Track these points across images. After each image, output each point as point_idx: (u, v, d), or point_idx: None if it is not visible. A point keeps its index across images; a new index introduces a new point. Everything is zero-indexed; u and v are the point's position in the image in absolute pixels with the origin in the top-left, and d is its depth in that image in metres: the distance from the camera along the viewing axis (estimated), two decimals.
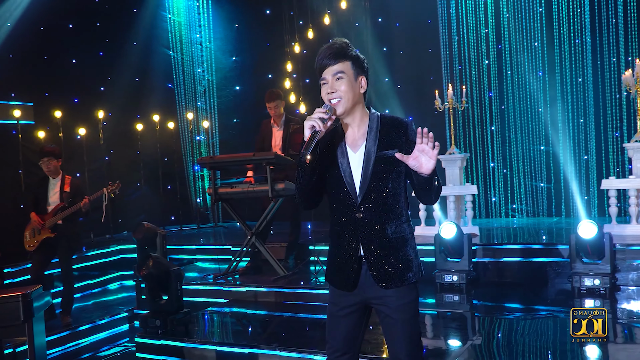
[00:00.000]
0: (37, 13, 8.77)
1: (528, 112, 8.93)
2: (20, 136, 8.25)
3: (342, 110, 2.61)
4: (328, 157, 2.68)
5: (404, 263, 2.61)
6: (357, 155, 2.64)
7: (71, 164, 8.99)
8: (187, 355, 4.95)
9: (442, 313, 5.61)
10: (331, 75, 2.61)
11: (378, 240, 2.60)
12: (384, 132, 2.64)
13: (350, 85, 2.61)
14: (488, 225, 8.44)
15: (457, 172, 7.44)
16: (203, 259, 8.09)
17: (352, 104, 2.62)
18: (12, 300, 3.89)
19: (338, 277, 2.71)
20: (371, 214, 2.60)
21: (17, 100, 8.63)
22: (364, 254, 2.62)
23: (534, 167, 8.94)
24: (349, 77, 2.61)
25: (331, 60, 2.61)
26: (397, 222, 2.63)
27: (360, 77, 2.65)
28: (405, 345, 2.63)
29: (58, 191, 6.17)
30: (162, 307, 5.23)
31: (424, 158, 2.41)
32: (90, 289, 7.88)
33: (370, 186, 2.60)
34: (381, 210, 2.60)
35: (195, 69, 11.46)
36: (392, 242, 2.61)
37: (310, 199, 2.74)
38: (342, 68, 2.60)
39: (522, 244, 6.44)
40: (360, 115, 2.68)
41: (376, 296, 2.63)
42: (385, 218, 2.61)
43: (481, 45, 9.19)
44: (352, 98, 2.61)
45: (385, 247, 2.60)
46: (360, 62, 2.66)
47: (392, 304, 2.61)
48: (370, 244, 2.60)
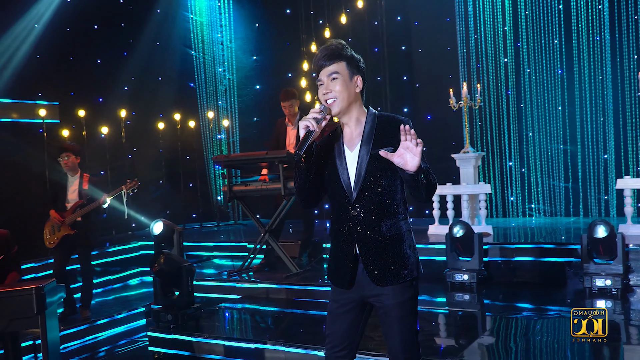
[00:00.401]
0: (63, 15, 9.03)
1: (546, 110, 8.85)
2: (46, 135, 8.48)
3: (337, 110, 2.67)
4: (326, 156, 2.74)
5: (399, 261, 2.64)
6: (353, 154, 2.69)
7: (94, 162, 9.24)
8: (197, 349, 5.07)
9: (452, 312, 5.62)
10: (326, 76, 2.67)
11: (373, 238, 2.63)
12: (379, 131, 2.67)
13: (345, 85, 2.66)
14: (505, 225, 8.39)
15: (471, 171, 7.42)
16: (220, 255, 8.23)
17: (347, 104, 2.68)
18: (26, 293, 4.02)
19: (336, 275, 2.76)
20: (366, 212, 2.64)
21: (44, 100, 8.88)
22: (359, 251, 2.66)
23: (552, 166, 8.86)
24: (344, 77, 2.66)
25: (326, 61, 2.68)
26: (393, 220, 2.66)
27: (355, 76, 2.70)
28: (401, 342, 2.66)
29: (77, 189, 6.28)
30: (174, 303, 5.35)
31: (409, 155, 2.41)
32: (111, 284, 8.03)
33: (365, 184, 2.63)
34: (376, 208, 2.63)
35: (216, 68, 11.63)
36: (387, 239, 2.64)
37: (309, 197, 2.80)
38: (336, 69, 2.66)
39: (535, 243, 6.40)
40: (356, 114, 2.73)
41: (373, 294, 2.67)
42: (380, 216, 2.63)
43: (499, 44, 9.13)
44: (347, 98, 2.67)
45: (380, 245, 2.63)
46: (355, 62, 2.72)
47: (388, 301, 2.64)
48: (365, 242, 2.64)
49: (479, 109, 8.85)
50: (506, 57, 9.10)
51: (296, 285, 6.26)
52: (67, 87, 9.27)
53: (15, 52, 8.57)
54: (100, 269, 8.02)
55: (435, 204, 7.43)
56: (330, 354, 2.77)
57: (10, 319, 4.08)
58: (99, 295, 7.51)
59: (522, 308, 5.61)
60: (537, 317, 5.31)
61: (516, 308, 5.62)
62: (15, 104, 8.66)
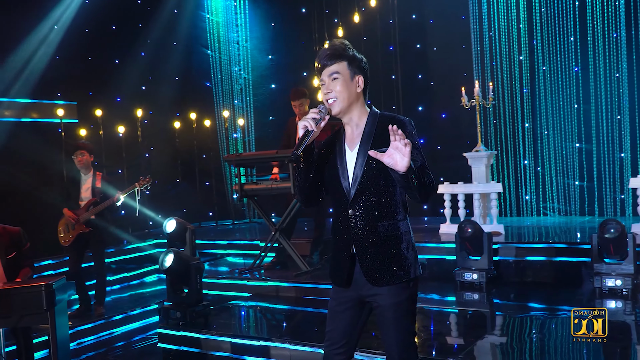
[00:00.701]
0: (82, 16, 9.18)
1: (561, 108, 8.76)
2: (64, 134, 8.64)
3: (337, 110, 2.70)
4: (328, 156, 2.77)
5: (396, 261, 2.65)
6: (352, 154, 2.71)
7: (111, 160, 9.39)
8: (205, 346, 5.14)
9: (462, 311, 5.61)
10: (327, 76, 2.70)
11: (369, 237, 2.65)
12: (380, 131, 2.67)
13: (346, 85, 2.68)
14: (519, 224, 8.33)
15: (483, 169, 7.38)
16: (234, 253, 8.31)
17: (347, 104, 2.70)
18: (36, 290, 4.14)
19: (335, 273, 2.80)
20: (363, 212, 2.66)
21: (62, 100, 9.04)
22: (356, 251, 2.68)
23: (567, 164, 8.75)
24: (345, 78, 2.68)
25: (327, 61, 2.70)
26: (392, 220, 2.67)
27: (357, 76, 2.71)
28: (397, 343, 2.68)
29: (90, 187, 6.40)
30: (183, 300, 5.44)
31: (398, 156, 2.38)
32: (127, 282, 8.15)
33: (363, 184, 2.65)
34: (373, 208, 2.65)
35: (232, 68, 11.72)
36: (383, 240, 2.65)
37: (309, 196, 2.84)
38: (337, 69, 2.69)
39: (545, 243, 6.35)
40: (358, 114, 2.74)
41: (370, 293, 2.69)
42: (377, 216, 2.65)
43: (513, 41, 9.06)
44: (348, 98, 2.69)
45: (376, 245, 2.65)
46: (357, 62, 2.73)
47: (384, 301, 2.66)
48: (361, 241, 2.66)
49: (494, 107, 8.80)
50: (521, 54, 9.02)
51: (306, 284, 6.30)
52: (85, 87, 9.41)
53: (36, 53, 8.74)
54: (115, 266, 8.17)
55: (447, 202, 7.42)
56: (328, 351, 2.80)
57: (20, 314, 4.20)
58: (115, 292, 7.66)
59: (532, 308, 5.58)
60: (546, 317, 5.27)
61: (526, 308, 5.59)
62: (35, 104, 8.83)
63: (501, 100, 9.04)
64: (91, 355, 6.06)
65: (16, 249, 4.82)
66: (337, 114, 2.71)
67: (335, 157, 2.75)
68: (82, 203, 6.39)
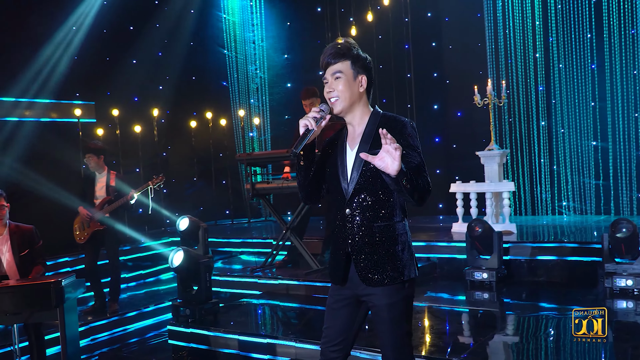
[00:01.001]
0: (100, 17, 9.31)
1: (576, 106, 8.66)
2: (81, 133, 8.78)
3: (339, 109, 2.70)
4: (330, 154, 2.79)
5: (390, 262, 2.64)
6: (353, 153, 2.71)
7: (128, 159, 9.52)
8: (213, 343, 5.20)
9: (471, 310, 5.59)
10: (331, 75, 2.70)
11: (365, 237, 2.65)
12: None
13: (348, 85, 2.68)
14: (533, 223, 8.26)
15: (495, 168, 7.34)
16: (247, 252, 8.37)
17: (349, 103, 2.70)
18: (45, 287, 4.24)
19: (332, 271, 2.81)
20: (360, 211, 2.66)
21: (81, 100, 9.19)
22: (351, 250, 2.68)
23: (583, 162, 8.66)
24: (347, 77, 2.68)
25: (332, 59, 2.70)
26: (388, 221, 2.66)
27: (360, 76, 2.71)
28: (392, 343, 2.68)
29: (104, 185, 6.51)
30: (192, 297, 5.50)
31: (389, 159, 2.37)
32: (143, 279, 8.27)
33: (360, 184, 2.65)
34: (370, 208, 2.65)
35: (248, 67, 11.81)
36: (378, 240, 2.65)
37: (310, 194, 2.86)
38: (340, 67, 2.68)
39: (556, 242, 6.31)
40: (360, 113, 2.75)
41: (365, 293, 2.69)
42: (373, 216, 2.65)
43: (528, 39, 8.97)
44: (350, 97, 2.69)
45: (371, 245, 2.64)
46: (361, 61, 2.72)
47: (379, 301, 2.66)
48: (356, 241, 2.66)
49: (509, 105, 8.74)
50: (537, 52, 8.93)
51: (316, 282, 6.32)
52: (103, 87, 9.54)
53: (56, 55, 8.88)
54: (132, 264, 8.29)
55: (459, 201, 7.39)
56: (325, 348, 2.81)
57: (31, 310, 4.30)
58: (131, 289, 7.77)
59: (543, 307, 5.53)
60: (556, 317, 5.23)
61: (536, 307, 5.54)
62: (55, 104, 8.98)
63: (517, 98, 8.97)
64: (105, 351, 6.18)
65: (29, 246, 4.94)
66: (338, 113, 2.71)
67: (336, 156, 2.76)
68: (97, 201, 6.50)
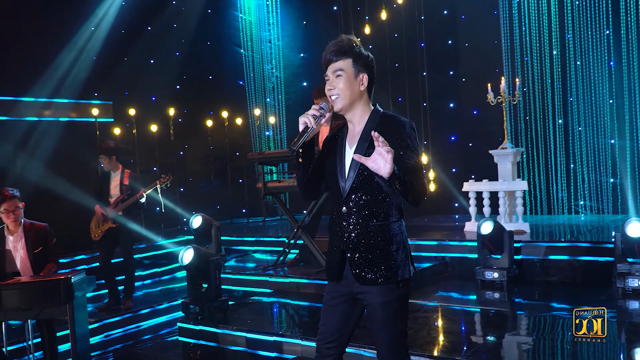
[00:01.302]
0: (118, 18, 9.44)
1: (593, 104, 8.54)
2: (98, 132, 8.91)
3: (339, 107, 2.70)
4: (330, 151, 2.80)
5: (384, 262, 2.64)
6: (351, 151, 2.70)
7: (145, 158, 9.63)
8: (222, 340, 5.25)
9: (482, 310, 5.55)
10: (332, 72, 2.70)
11: (360, 236, 2.65)
12: (379, 130, 2.61)
13: (349, 83, 2.68)
14: (549, 222, 8.17)
15: (509, 167, 7.28)
16: (261, 250, 8.42)
17: (350, 102, 2.70)
18: (54, 283, 4.33)
19: (328, 267, 2.82)
20: (356, 210, 2.65)
21: (99, 100, 9.31)
22: (345, 248, 2.68)
23: (600, 161, 8.54)
24: (348, 75, 2.67)
25: (333, 56, 2.69)
26: (384, 221, 2.65)
27: (361, 74, 2.70)
28: (386, 342, 2.69)
29: (118, 184, 6.61)
30: (202, 295, 5.56)
31: (382, 161, 2.36)
32: (159, 277, 8.35)
33: (357, 182, 2.65)
34: (366, 207, 2.64)
35: (264, 66, 11.86)
36: (374, 240, 2.64)
37: (308, 190, 2.86)
38: (342, 65, 2.68)
39: (568, 242, 6.24)
40: (360, 112, 2.74)
41: (360, 291, 2.69)
42: (369, 215, 2.64)
43: (544, 36, 8.86)
44: (350, 96, 2.69)
45: (366, 244, 2.64)
46: (363, 59, 2.71)
47: (373, 300, 2.66)
48: (351, 239, 2.66)
49: (525, 103, 8.64)
50: (554, 49, 8.82)
51: (326, 280, 6.30)
52: (121, 87, 9.66)
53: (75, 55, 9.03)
54: (149, 262, 8.39)
55: (472, 200, 7.34)
56: (320, 345, 2.82)
57: (40, 307, 4.38)
58: (146, 287, 7.87)
59: (554, 307, 5.49)
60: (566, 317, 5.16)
61: (547, 307, 5.50)
62: (73, 104, 9.11)
63: (532, 96, 8.87)
64: (118, 347, 6.26)
65: (43, 244, 5.03)
66: (338, 111, 2.71)
67: (335, 153, 2.77)
68: (112, 200, 6.61)
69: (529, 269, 6.32)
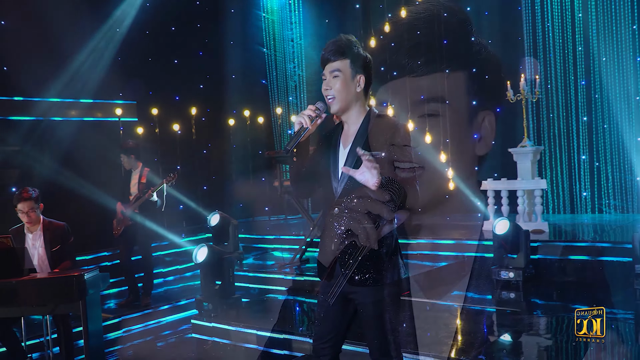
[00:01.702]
0: (142, 18, 9.56)
1: (618, 101, 8.33)
2: (122, 132, 9.06)
3: (335, 109, 2.70)
4: (324, 151, 2.79)
5: (373, 264, 2.63)
6: (344, 152, 2.71)
7: (168, 157, 9.75)
8: (234, 337, 5.31)
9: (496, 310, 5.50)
10: (329, 72, 2.70)
11: (350, 238, 2.62)
12: (373, 133, 2.65)
13: (345, 85, 2.67)
14: (572, 221, 8.03)
15: (528, 165, 7.17)
16: (280, 248, 8.45)
17: (345, 103, 2.70)
18: (68, 280, 4.42)
19: (319, 267, 2.81)
20: (347, 211, 2.63)
21: (123, 100, 9.47)
22: (335, 248, 2.67)
23: (625, 159, 8.32)
24: (345, 76, 2.67)
25: (331, 56, 2.70)
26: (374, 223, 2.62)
27: (358, 76, 2.69)
28: (376, 341, 2.70)
29: (136, 182, 6.73)
30: (216, 292, 5.62)
31: (369, 174, 2.39)
32: (180, 274, 8.45)
33: (349, 184, 2.63)
34: (358, 209, 2.61)
35: (287, 65, 11.89)
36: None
37: (302, 188, 2.89)
38: (339, 66, 2.68)
39: (586, 241, 6.12)
40: (356, 113, 2.74)
41: (350, 290, 2.68)
42: (361, 217, 2.60)
43: (567, 32, 8.69)
44: (346, 97, 2.69)
45: (355, 246, 2.61)
46: (360, 60, 2.70)
47: (364, 299, 2.67)
48: (342, 241, 2.65)
49: (548, 100, 8.49)
50: (578, 45, 8.64)
51: None
52: (145, 87, 9.75)
53: (100, 55, 9.19)
54: (170, 259, 8.50)
55: (490, 199, 7.26)
56: (316, 344, 2.83)
57: (55, 303, 4.49)
58: (168, 284, 7.97)
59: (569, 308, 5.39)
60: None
61: (562, 307, 5.44)
62: (98, 104, 9.29)
63: (555, 93, 8.71)
64: (136, 343, 6.37)
65: (61, 242, 5.15)
66: (334, 112, 2.71)
67: (329, 153, 2.76)
68: (131, 197, 6.72)
69: (546, 268, 6.23)
